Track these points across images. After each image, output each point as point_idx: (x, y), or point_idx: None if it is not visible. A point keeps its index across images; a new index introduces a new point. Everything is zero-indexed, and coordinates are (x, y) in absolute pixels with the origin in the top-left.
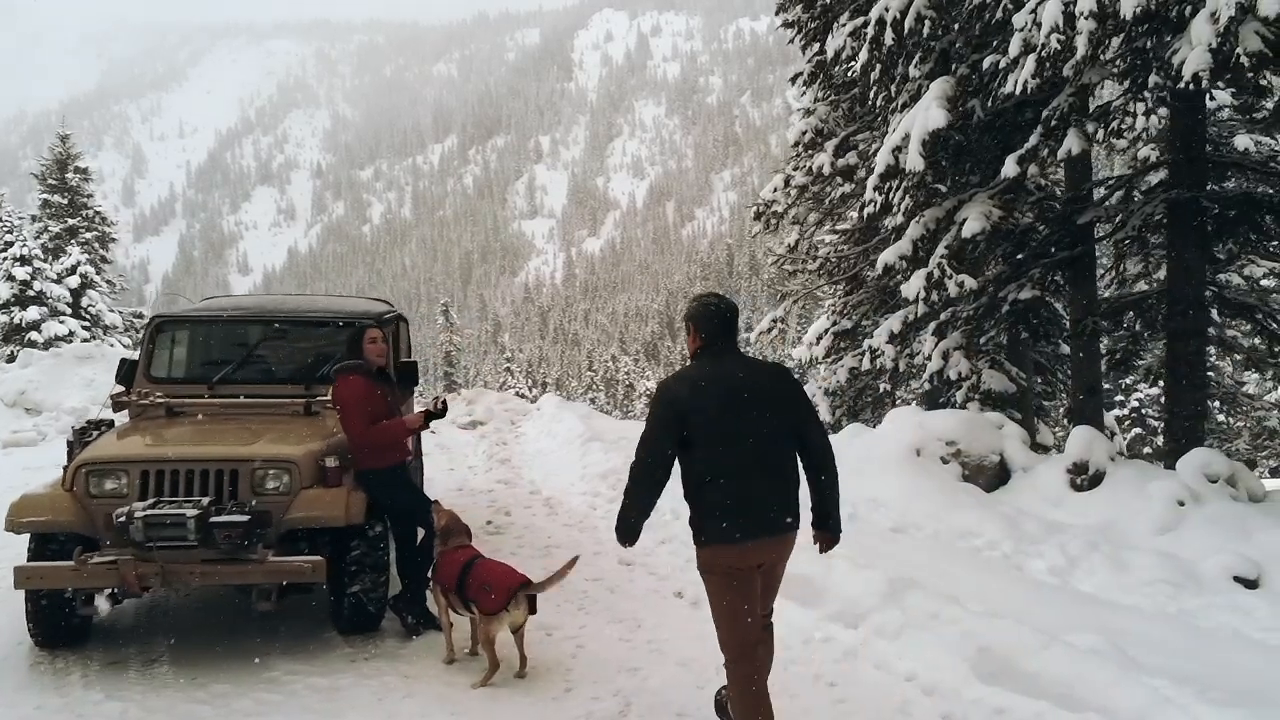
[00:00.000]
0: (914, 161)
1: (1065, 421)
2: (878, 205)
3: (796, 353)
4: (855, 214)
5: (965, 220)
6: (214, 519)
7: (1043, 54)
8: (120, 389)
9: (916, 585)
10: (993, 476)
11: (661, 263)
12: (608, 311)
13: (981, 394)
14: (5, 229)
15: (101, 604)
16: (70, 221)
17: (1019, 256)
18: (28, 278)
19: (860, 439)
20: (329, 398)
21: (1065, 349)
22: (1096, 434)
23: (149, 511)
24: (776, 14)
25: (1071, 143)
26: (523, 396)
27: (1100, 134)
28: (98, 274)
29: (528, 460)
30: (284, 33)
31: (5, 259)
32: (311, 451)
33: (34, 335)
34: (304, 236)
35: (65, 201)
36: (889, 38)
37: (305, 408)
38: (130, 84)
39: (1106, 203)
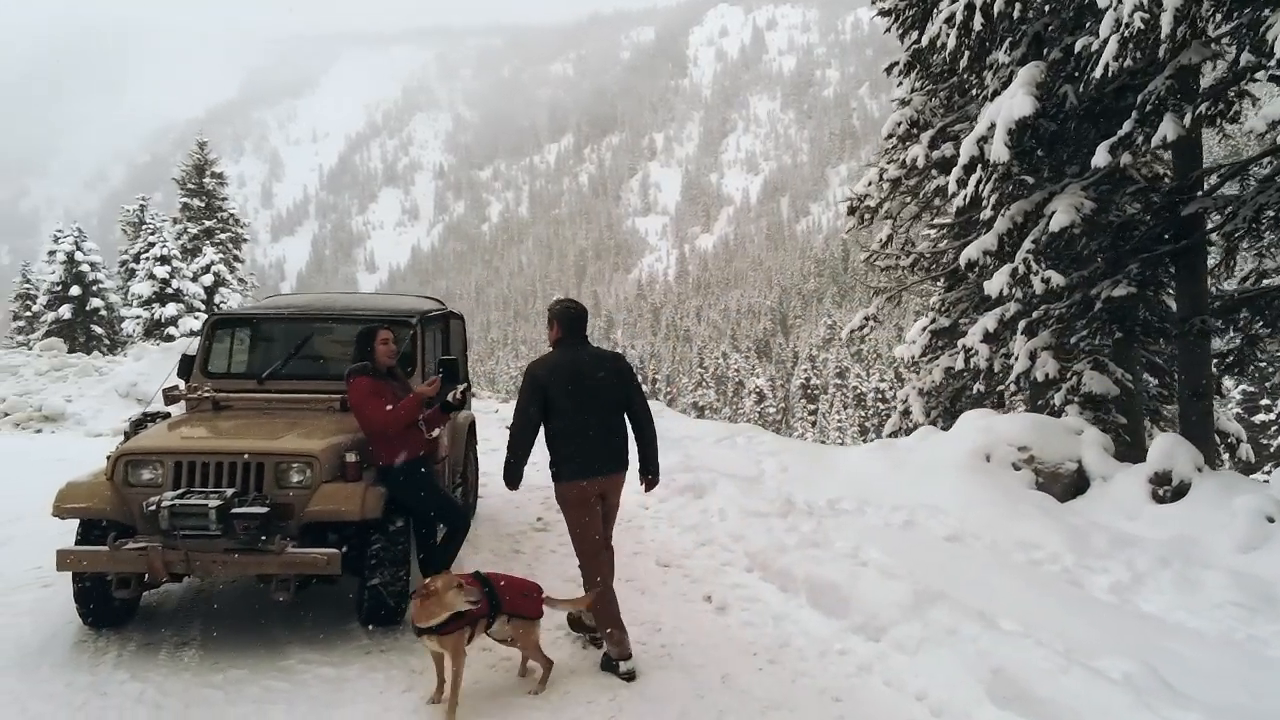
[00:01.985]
0: (999, 152)
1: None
2: (967, 198)
3: (898, 351)
4: (952, 207)
5: (1054, 213)
6: (234, 510)
7: (1125, 34)
8: (175, 383)
9: (943, 598)
10: (1069, 485)
11: (775, 259)
12: (720, 308)
13: (1081, 396)
14: (149, 231)
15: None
16: (207, 223)
17: (1126, 249)
18: (167, 276)
19: (928, 442)
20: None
21: None
22: (1181, 442)
23: (175, 501)
24: (873, 2)
25: (1167, 128)
26: None
27: (1188, 118)
28: (231, 273)
29: None
30: (406, 39)
31: (148, 259)
32: (332, 446)
33: (172, 330)
34: (426, 235)
35: (202, 204)
36: (978, 22)
37: (341, 403)
38: (267, 92)
39: (1217, 192)
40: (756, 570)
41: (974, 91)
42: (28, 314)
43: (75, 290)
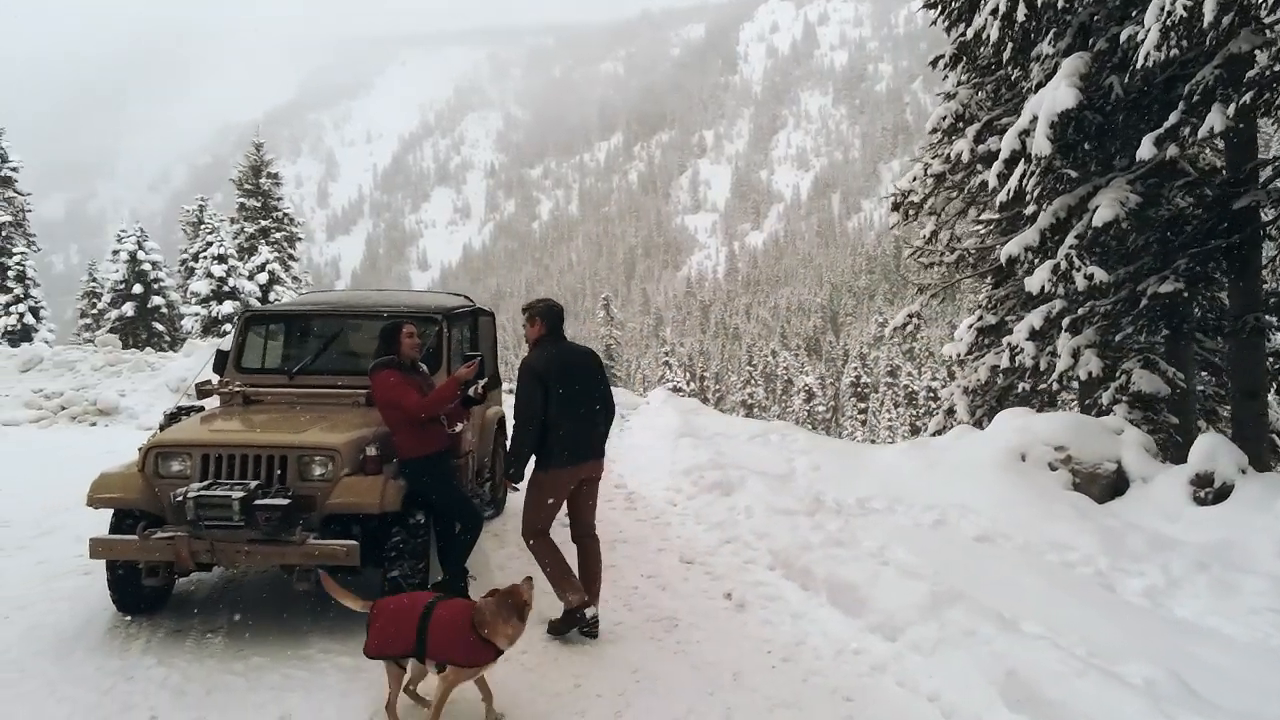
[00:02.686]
0: (1040, 145)
1: None
2: (1010, 193)
3: (946, 349)
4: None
5: (1098, 208)
6: (257, 501)
7: (1168, 22)
8: (207, 378)
9: (962, 599)
10: (1107, 486)
11: (825, 256)
12: (769, 305)
13: (1130, 395)
14: (207, 231)
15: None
16: (263, 223)
17: (1175, 244)
18: (224, 275)
19: (963, 441)
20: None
21: None
22: (1224, 442)
23: (201, 492)
24: None
25: (1214, 119)
26: (679, 390)
27: (1232, 108)
28: (285, 271)
29: (622, 454)
30: (459, 39)
31: (206, 258)
32: (353, 440)
33: (228, 327)
34: (478, 234)
35: (259, 205)
36: (1021, 12)
37: (367, 398)
38: (323, 94)
39: (1273, 184)
40: (779, 568)
41: (1022, 84)
42: (94, 311)
43: (137, 288)
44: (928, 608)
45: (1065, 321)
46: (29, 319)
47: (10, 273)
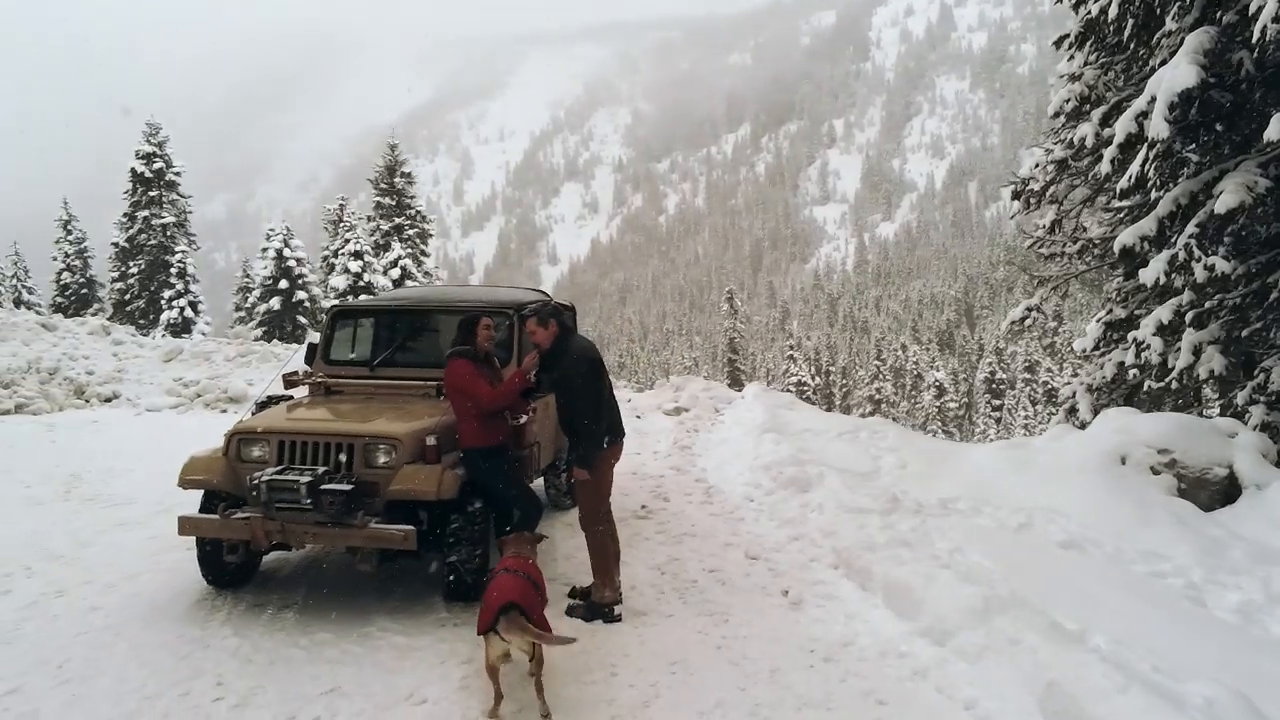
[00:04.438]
0: (1158, 128)
1: None
2: (1132, 179)
3: (1077, 344)
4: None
5: (1221, 194)
6: (322, 486)
7: None
8: (294, 370)
9: (1014, 606)
10: (1216, 493)
11: (961, 247)
12: (900, 298)
13: (1269, 395)
14: (346, 228)
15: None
16: (396, 220)
17: None
18: (359, 271)
19: (1061, 442)
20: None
21: None
22: None
23: (273, 476)
24: None
25: None
26: (804, 385)
27: None
28: (417, 266)
29: (709, 448)
30: (588, 36)
31: (344, 255)
32: (416, 431)
33: None
34: (605, 228)
35: (393, 203)
36: None
37: (438, 390)
38: (459, 95)
39: None
40: (841, 567)
41: (1151, 63)
42: (246, 305)
43: (283, 284)
44: (979, 613)
45: (1189, 316)
46: (189, 312)
47: (173, 269)
